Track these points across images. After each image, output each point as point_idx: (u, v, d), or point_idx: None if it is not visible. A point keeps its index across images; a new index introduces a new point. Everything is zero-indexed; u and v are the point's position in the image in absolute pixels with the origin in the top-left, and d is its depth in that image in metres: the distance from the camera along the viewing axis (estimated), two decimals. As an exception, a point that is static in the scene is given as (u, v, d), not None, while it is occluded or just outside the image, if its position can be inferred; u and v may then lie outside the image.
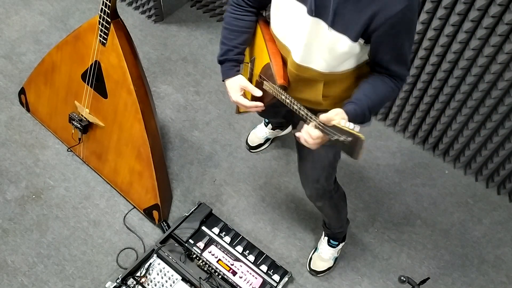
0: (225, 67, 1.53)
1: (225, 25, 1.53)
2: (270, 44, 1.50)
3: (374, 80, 1.37)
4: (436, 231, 2.28)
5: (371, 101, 1.33)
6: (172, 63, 2.79)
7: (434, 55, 2.12)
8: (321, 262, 2.08)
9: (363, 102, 1.32)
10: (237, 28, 1.51)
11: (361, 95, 1.34)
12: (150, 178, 2.03)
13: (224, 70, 1.54)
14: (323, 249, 2.08)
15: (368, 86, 1.36)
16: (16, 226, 2.10)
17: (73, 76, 2.06)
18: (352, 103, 1.33)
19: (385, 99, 1.39)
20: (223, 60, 1.53)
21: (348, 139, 1.11)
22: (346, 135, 1.12)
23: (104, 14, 1.73)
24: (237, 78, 1.52)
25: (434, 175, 2.47)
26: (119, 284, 1.90)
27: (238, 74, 1.53)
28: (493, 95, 2.08)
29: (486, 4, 1.84)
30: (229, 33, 1.52)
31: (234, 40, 1.51)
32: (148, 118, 1.95)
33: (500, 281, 2.16)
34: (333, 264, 2.10)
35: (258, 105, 1.51)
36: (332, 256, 2.09)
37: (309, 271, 2.09)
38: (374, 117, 2.65)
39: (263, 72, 1.53)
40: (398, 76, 1.37)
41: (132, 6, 3.02)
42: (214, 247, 2.04)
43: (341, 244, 2.11)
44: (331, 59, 1.35)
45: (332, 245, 2.07)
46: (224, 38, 1.53)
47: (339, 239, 2.08)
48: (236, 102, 1.53)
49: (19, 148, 2.33)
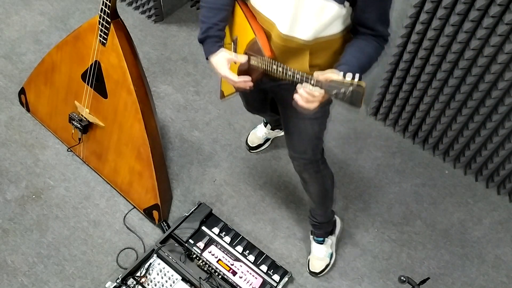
0: (208, 44, 1.52)
1: (203, 3, 1.53)
2: (252, 20, 1.50)
3: (359, 42, 1.41)
4: (436, 231, 2.28)
5: (360, 61, 1.37)
6: (172, 63, 2.79)
7: (434, 55, 2.12)
8: (317, 262, 2.08)
9: (353, 63, 1.35)
10: (216, 6, 1.51)
11: (350, 57, 1.37)
12: (150, 178, 2.03)
13: (207, 48, 1.52)
14: (314, 248, 2.09)
15: (355, 48, 1.40)
16: (16, 226, 2.10)
17: (73, 76, 2.06)
18: (343, 65, 1.35)
19: (372, 59, 1.42)
20: (204, 38, 1.52)
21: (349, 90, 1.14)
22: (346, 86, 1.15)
23: (104, 14, 1.73)
24: (222, 52, 1.50)
25: (434, 175, 2.47)
26: (119, 284, 1.90)
27: (221, 49, 1.51)
28: (493, 95, 2.08)
29: (486, 4, 1.84)
30: (208, 11, 1.51)
31: (214, 18, 1.50)
32: (148, 118, 1.95)
33: (500, 281, 2.16)
34: (329, 261, 2.09)
35: (246, 79, 1.50)
36: (327, 253, 2.08)
37: (310, 273, 2.09)
38: (374, 117, 2.65)
39: (249, 48, 1.52)
40: (381, 35, 1.41)
41: (132, 6, 3.02)
42: (214, 247, 2.04)
43: (330, 238, 2.11)
44: (318, 25, 1.37)
45: (318, 241, 2.08)
46: (203, 17, 1.52)
47: (323, 233, 2.07)
48: (224, 77, 1.50)
49: (19, 148, 2.33)
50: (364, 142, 2.57)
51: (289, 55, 1.48)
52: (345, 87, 1.15)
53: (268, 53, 1.46)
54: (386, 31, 1.42)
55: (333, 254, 2.12)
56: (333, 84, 1.19)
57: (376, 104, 2.58)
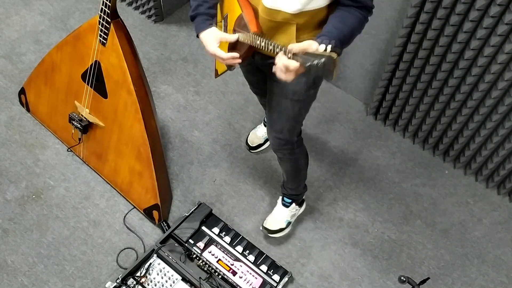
0: (198, 22, 1.53)
1: None
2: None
3: (342, 13, 1.40)
4: (436, 231, 2.28)
5: (340, 32, 1.36)
6: (172, 63, 2.79)
7: (434, 55, 2.12)
8: (274, 221, 2.15)
9: (333, 33, 1.35)
10: None
11: (331, 28, 1.37)
12: (150, 178, 2.03)
13: (198, 25, 1.53)
14: (277, 208, 2.16)
15: (336, 19, 1.40)
16: (16, 226, 2.10)
17: (73, 76, 2.06)
18: (323, 36, 1.35)
19: (354, 30, 1.42)
20: (194, 15, 1.54)
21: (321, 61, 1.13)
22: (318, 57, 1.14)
23: (104, 14, 1.73)
24: (212, 30, 1.51)
25: (434, 175, 2.47)
26: (119, 284, 1.90)
27: (211, 26, 1.52)
28: (493, 95, 2.08)
29: (486, 4, 1.84)
30: None
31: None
32: (148, 118, 1.95)
33: (500, 281, 2.16)
34: (285, 228, 2.15)
35: (234, 55, 1.49)
36: (285, 219, 2.14)
37: (262, 230, 2.16)
38: (374, 116, 2.65)
39: (237, 24, 1.54)
40: (364, 6, 1.41)
41: (132, 6, 3.02)
42: (214, 247, 2.04)
43: (296, 207, 2.16)
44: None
45: (285, 203, 2.13)
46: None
47: (292, 199, 2.14)
48: (213, 53, 1.50)
49: (19, 148, 2.33)
50: (364, 142, 2.57)
51: (276, 30, 1.49)
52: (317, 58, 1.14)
53: (253, 29, 1.46)
54: (369, 1, 1.42)
55: (290, 225, 2.18)
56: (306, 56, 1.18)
57: (376, 104, 2.58)
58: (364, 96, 2.69)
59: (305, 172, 2.06)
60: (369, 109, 2.65)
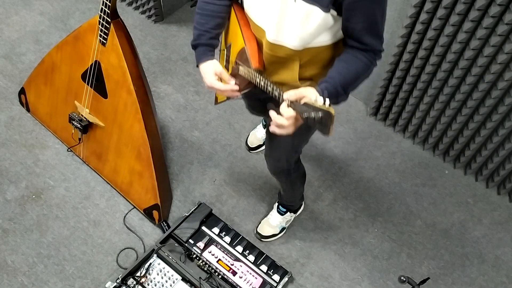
0: (199, 52, 1.50)
1: (197, 9, 1.50)
2: (245, 28, 1.47)
3: (347, 56, 1.34)
4: (436, 231, 2.28)
5: (343, 77, 1.31)
6: (172, 63, 2.79)
7: (434, 55, 2.12)
8: (268, 227, 2.16)
9: (335, 79, 1.30)
10: (209, 13, 1.48)
11: (334, 73, 1.32)
12: (150, 178, 2.03)
13: (198, 55, 1.50)
14: (272, 215, 2.17)
15: (340, 64, 1.34)
16: (16, 226, 2.10)
17: (73, 76, 2.06)
18: (324, 82, 1.30)
19: (359, 75, 1.35)
20: (196, 45, 1.51)
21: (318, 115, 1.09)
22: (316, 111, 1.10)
23: (104, 14, 1.73)
24: (211, 63, 1.47)
25: (434, 175, 2.47)
26: (119, 284, 1.90)
27: (212, 59, 1.48)
28: (493, 95, 2.08)
29: (486, 4, 1.84)
30: (201, 17, 1.49)
31: (206, 24, 1.48)
32: (148, 118, 1.95)
33: (500, 281, 2.16)
34: (278, 233, 2.16)
35: (233, 88, 1.46)
36: (280, 224, 2.15)
37: (255, 235, 2.17)
38: (374, 116, 2.65)
39: (239, 57, 1.51)
40: (371, 50, 1.33)
41: (132, 6, 3.02)
42: (214, 247, 2.04)
43: (291, 214, 2.17)
44: (304, 33, 1.32)
45: (280, 211, 2.14)
46: (196, 23, 1.50)
47: (287, 208, 2.15)
48: (210, 87, 1.47)
49: (19, 148, 2.33)
50: (364, 142, 2.57)
51: (279, 65, 1.44)
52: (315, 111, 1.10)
53: (255, 64, 1.43)
54: (377, 45, 1.33)
55: (284, 229, 2.19)
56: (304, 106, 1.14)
57: (376, 104, 2.58)
58: (364, 96, 2.68)
59: (301, 190, 2.07)
60: (369, 109, 2.65)
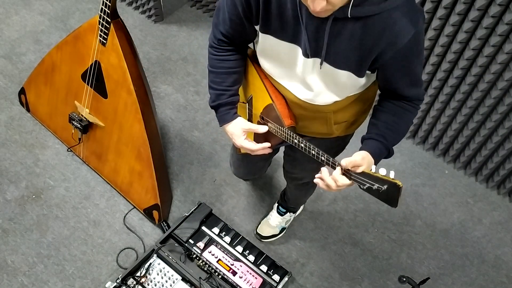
0: (221, 113, 1.40)
1: (210, 68, 1.40)
2: (267, 82, 1.37)
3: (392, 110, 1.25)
4: (436, 231, 2.28)
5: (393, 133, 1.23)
6: (172, 63, 2.79)
7: (434, 55, 2.12)
8: (267, 228, 2.16)
9: (386, 138, 1.22)
10: (224, 70, 1.37)
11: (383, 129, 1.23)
12: (150, 178, 2.03)
13: (221, 116, 1.40)
14: (272, 215, 2.16)
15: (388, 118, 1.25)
16: (16, 226, 2.10)
17: (73, 76, 2.06)
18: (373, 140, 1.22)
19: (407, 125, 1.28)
20: (216, 106, 1.41)
21: (383, 188, 1.00)
22: (379, 182, 1.01)
23: (104, 14, 1.73)
24: (237, 122, 1.39)
25: (434, 175, 2.47)
26: (119, 284, 1.90)
27: (236, 117, 1.39)
28: (493, 95, 2.08)
29: (486, 4, 1.84)
30: (216, 76, 1.38)
31: (223, 83, 1.38)
32: (148, 118, 1.95)
33: (500, 281, 2.16)
34: (278, 233, 2.16)
35: (265, 146, 1.38)
36: (279, 225, 2.15)
37: (255, 235, 2.17)
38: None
39: (265, 113, 1.40)
40: (416, 99, 1.26)
41: (132, 6, 3.02)
42: (214, 247, 2.04)
43: (290, 214, 2.17)
44: (337, 91, 1.26)
45: (280, 212, 2.14)
46: (211, 82, 1.40)
47: (287, 209, 2.14)
48: (241, 147, 1.40)
49: (19, 148, 2.33)
50: (364, 142, 2.56)
51: (311, 117, 1.36)
52: (378, 183, 1.01)
53: (288, 122, 1.33)
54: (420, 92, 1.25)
55: (284, 229, 2.19)
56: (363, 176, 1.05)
57: (376, 104, 2.58)
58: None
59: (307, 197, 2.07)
60: (369, 109, 2.65)
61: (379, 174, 1.02)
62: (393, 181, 1.00)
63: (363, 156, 1.17)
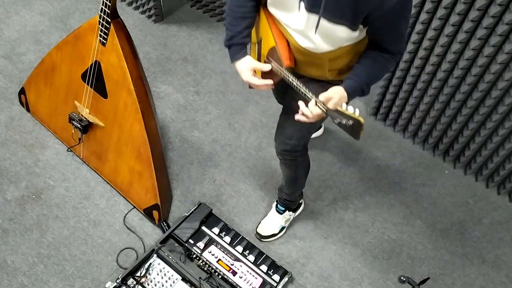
0: (233, 51, 1.59)
1: (228, 11, 1.59)
2: (274, 27, 1.56)
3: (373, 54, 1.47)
4: (436, 231, 2.28)
5: (369, 75, 1.46)
6: (172, 63, 2.79)
7: (434, 55, 2.12)
8: (267, 227, 2.16)
9: (361, 78, 1.44)
10: (240, 15, 1.57)
11: (360, 70, 1.46)
12: (150, 178, 2.03)
13: (232, 54, 1.60)
14: (271, 214, 2.18)
15: (367, 61, 1.47)
16: (16, 226, 2.10)
17: (73, 76, 2.06)
18: (351, 79, 1.44)
19: (384, 72, 1.51)
20: (230, 45, 1.60)
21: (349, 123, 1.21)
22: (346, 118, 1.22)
23: (104, 14, 1.73)
24: (246, 59, 1.57)
25: (434, 175, 2.47)
26: (119, 284, 1.90)
27: (245, 55, 1.58)
28: (493, 95, 2.08)
29: (486, 4, 1.84)
30: (232, 19, 1.58)
31: (238, 26, 1.57)
32: (148, 118, 1.95)
33: (500, 281, 2.16)
34: (278, 233, 2.16)
35: (268, 83, 1.57)
36: (279, 224, 2.16)
37: (255, 235, 2.17)
38: (374, 117, 2.65)
39: (270, 54, 1.61)
40: (397, 53, 1.48)
41: (132, 6, 3.02)
42: (214, 247, 2.04)
43: (289, 213, 2.17)
44: (333, 43, 1.44)
45: (279, 210, 2.15)
46: (228, 24, 1.59)
47: (286, 206, 2.15)
48: (247, 82, 1.59)
49: (19, 148, 2.33)
50: (364, 142, 2.57)
51: (309, 62, 1.56)
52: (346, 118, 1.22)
53: (286, 63, 1.53)
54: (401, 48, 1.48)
55: (284, 229, 2.19)
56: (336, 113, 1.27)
57: (376, 104, 2.58)
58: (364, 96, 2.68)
59: (303, 182, 2.07)
60: (369, 109, 2.65)
61: (348, 111, 1.24)
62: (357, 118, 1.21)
63: (336, 90, 1.40)
